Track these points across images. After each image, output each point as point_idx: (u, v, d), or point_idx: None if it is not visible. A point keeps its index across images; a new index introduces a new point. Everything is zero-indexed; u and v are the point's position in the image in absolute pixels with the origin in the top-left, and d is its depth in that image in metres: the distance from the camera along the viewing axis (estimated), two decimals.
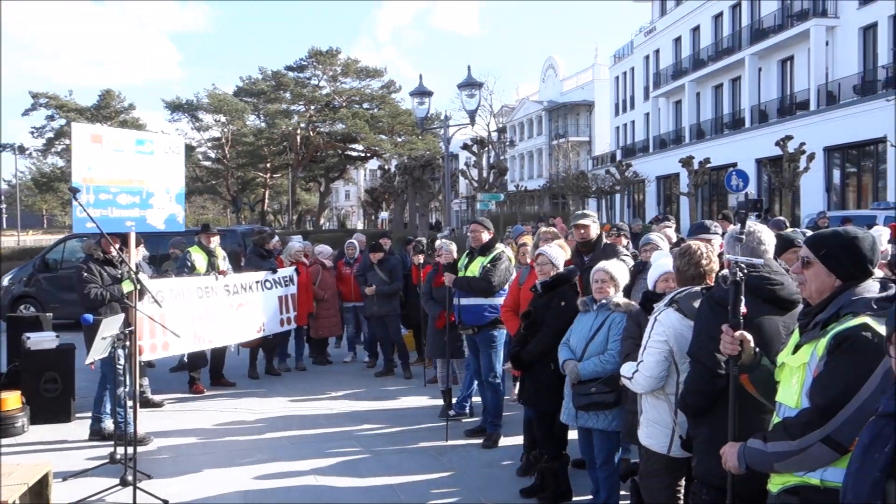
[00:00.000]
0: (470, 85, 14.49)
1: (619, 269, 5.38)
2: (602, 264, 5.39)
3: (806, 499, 2.71)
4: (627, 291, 5.79)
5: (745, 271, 3.11)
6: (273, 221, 73.03)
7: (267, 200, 69.33)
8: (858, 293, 2.79)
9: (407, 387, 10.07)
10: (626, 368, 4.34)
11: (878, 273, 2.93)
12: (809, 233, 7.94)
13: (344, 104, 60.69)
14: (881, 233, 7.80)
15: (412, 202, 38.97)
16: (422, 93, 14.77)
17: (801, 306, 3.42)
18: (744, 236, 3.62)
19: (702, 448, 3.66)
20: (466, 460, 6.93)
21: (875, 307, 2.70)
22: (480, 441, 7.40)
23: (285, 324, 10.65)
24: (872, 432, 2.24)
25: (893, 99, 23.84)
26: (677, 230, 12.02)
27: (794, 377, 2.83)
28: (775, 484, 2.90)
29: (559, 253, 6.20)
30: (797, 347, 2.89)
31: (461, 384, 8.61)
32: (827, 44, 31.26)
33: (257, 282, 10.11)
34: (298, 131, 59.53)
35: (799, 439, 2.63)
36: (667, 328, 4.08)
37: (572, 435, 5.91)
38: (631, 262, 6.47)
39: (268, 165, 64.87)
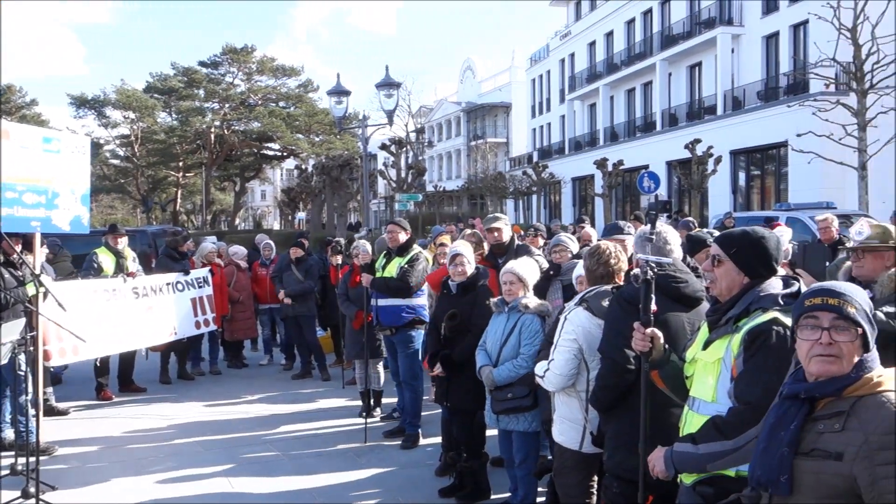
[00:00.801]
0: (388, 85, 14.44)
1: (526, 269, 5.38)
2: (510, 265, 5.41)
3: (721, 488, 2.80)
4: (543, 293, 5.86)
5: (655, 270, 3.19)
6: (186, 222, 71.22)
7: (179, 200, 67.51)
8: (765, 290, 2.92)
9: (325, 389, 9.96)
10: (539, 367, 4.39)
11: (781, 271, 3.05)
12: (717, 233, 8.24)
13: (260, 102, 59.66)
14: (783, 233, 8.13)
15: (330, 202, 38.63)
16: (339, 92, 14.64)
17: (705, 304, 3.54)
18: (653, 236, 3.71)
19: (612, 442, 3.74)
20: (385, 461, 6.90)
21: (782, 303, 2.85)
22: (399, 442, 7.38)
23: (202, 326, 10.37)
24: (778, 413, 2.37)
25: (794, 105, 24.95)
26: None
27: (709, 372, 2.92)
28: (689, 476, 2.97)
29: (472, 252, 6.26)
30: (707, 343, 2.98)
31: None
32: (733, 51, 32.48)
33: (168, 284, 9.82)
34: (212, 129, 58.18)
35: (735, 438, 2.70)
36: (576, 327, 4.15)
37: (490, 432, 5.95)
38: (545, 263, 6.55)
39: (180, 164, 63.19)
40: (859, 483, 2.13)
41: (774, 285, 2.95)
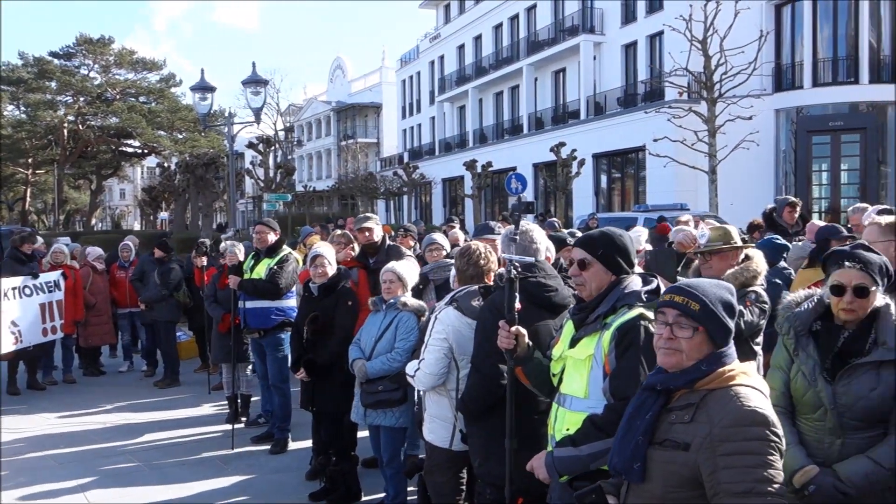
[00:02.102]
0: (255, 82, 14.08)
1: (407, 269, 5.44)
2: (391, 265, 5.43)
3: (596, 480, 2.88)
4: (419, 293, 5.89)
5: (519, 269, 3.26)
6: (36, 222, 66.86)
7: (29, 199, 63.32)
8: (629, 287, 3.05)
9: (189, 395, 9.60)
10: (410, 367, 4.40)
11: (638, 269, 3.20)
12: (578, 233, 8.53)
13: (118, 97, 56.79)
14: (640, 233, 8.52)
15: (195, 202, 37.31)
16: (203, 88, 14.13)
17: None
18: (517, 236, 3.79)
19: (483, 450, 3.79)
20: (254, 467, 6.73)
21: (644, 299, 2.99)
22: (268, 447, 7.22)
23: (49, 333, 9.74)
24: (636, 403, 2.48)
25: (651, 111, 26.24)
26: (463, 230, 12.46)
27: (580, 369, 2.99)
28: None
29: (333, 253, 6.21)
30: (575, 341, 3.06)
31: None
32: (595, 58, 33.80)
33: (14, 288, 9.18)
34: (65, 124, 54.89)
35: (615, 434, 2.77)
36: (446, 326, 4.18)
37: (362, 434, 5.92)
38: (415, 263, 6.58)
39: (29, 160, 59.22)
40: (702, 472, 2.25)
41: (636, 282, 3.08)
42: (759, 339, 4.67)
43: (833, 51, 26.27)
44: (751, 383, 2.35)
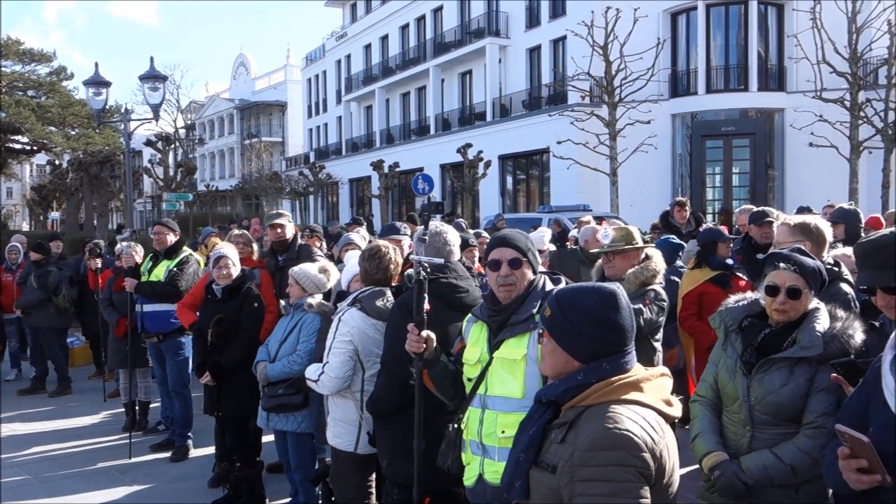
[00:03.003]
0: (153, 77, 13.59)
1: (313, 272, 5.34)
2: (295, 268, 5.33)
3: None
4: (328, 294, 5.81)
5: (428, 270, 3.24)
6: None
7: None
8: (545, 286, 3.09)
9: (83, 403, 9.18)
10: (311, 371, 4.30)
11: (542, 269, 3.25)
12: (485, 233, 8.62)
13: (4, 90, 53.83)
14: (544, 233, 8.67)
15: (89, 201, 35.81)
16: (98, 83, 13.56)
17: None
18: (426, 237, 3.78)
19: (391, 450, 3.76)
20: (153, 476, 6.50)
21: None
22: (168, 455, 6.99)
23: None
24: (526, 415, 2.39)
25: (555, 114, 26.79)
26: (370, 230, 12.41)
27: (513, 370, 2.94)
28: (468, 478, 3.05)
29: (237, 254, 6.07)
30: (498, 343, 3.02)
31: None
32: (500, 61, 34.25)
33: None
34: None
35: None
36: (351, 328, 4.12)
37: (267, 438, 5.80)
38: (328, 264, 6.50)
39: None
40: (563, 497, 2.10)
41: (547, 279, 3.14)
42: (659, 335, 4.82)
43: (725, 59, 27.46)
44: (637, 398, 2.15)
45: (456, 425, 3.18)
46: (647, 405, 2.16)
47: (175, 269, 7.07)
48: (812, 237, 4.10)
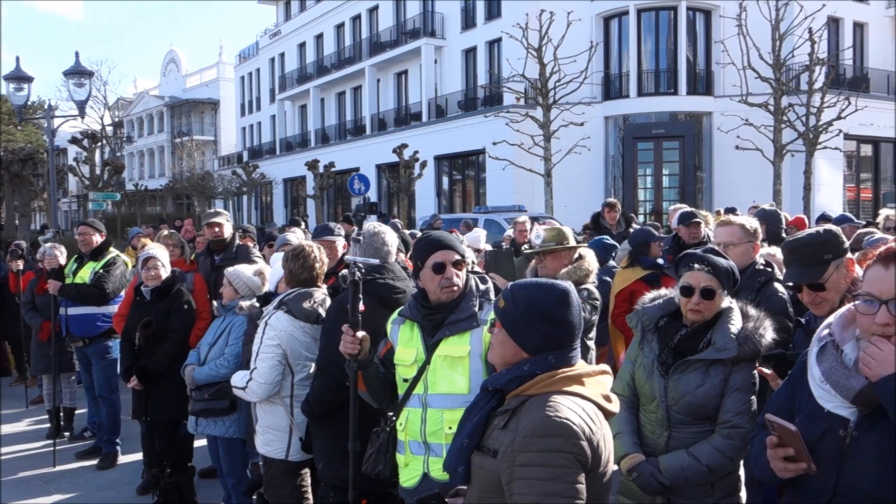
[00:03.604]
0: (78, 73, 13.19)
1: (249, 272, 5.24)
2: (235, 268, 5.23)
3: None
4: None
5: (363, 270, 3.22)
6: None
7: None
8: (477, 284, 3.14)
9: (4, 411, 8.83)
10: (238, 378, 4.20)
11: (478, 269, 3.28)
12: (420, 234, 8.60)
13: None
14: (479, 234, 8.71)
15: (10, 201, 34.55)
16: (19, 77, 13.09)
17: None
18: (361, 237, 3.75)
19: (326, 452, 3.72)
20: (79, 485, 6.30)
21: (493, 296, 3.07)
22: (95, 462, 6.78)
23: None
24: (472, 403, 2.44)
25: (490, 116, 26.97)
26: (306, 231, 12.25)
27: (457, 367, 2.97)
28: (408, 479, 3.05)
29: (167, 255, 5.94)
30: (437, 342, 3.03)
31: None
32: (436, 62, 34.29)
33: None
34: None
35: None
36: (278, 332, 4.05)
37: (200, 443, 5.68)
38: (265, 267, 6.41)
39: None
40: (502, 481, 2.18)
41: (485, 278, 3.23)
42: (592, 334, 4.90)
43: (655, 63, 28.08)
44: (578, 391, 2.23)
45: (388, 429, 3.17)
46: (587, 398, 2.23)
47: (101, 270, 6.87)
48: (753, 237, 4.22)
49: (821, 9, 23.00)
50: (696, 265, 3.20)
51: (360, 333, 3.15)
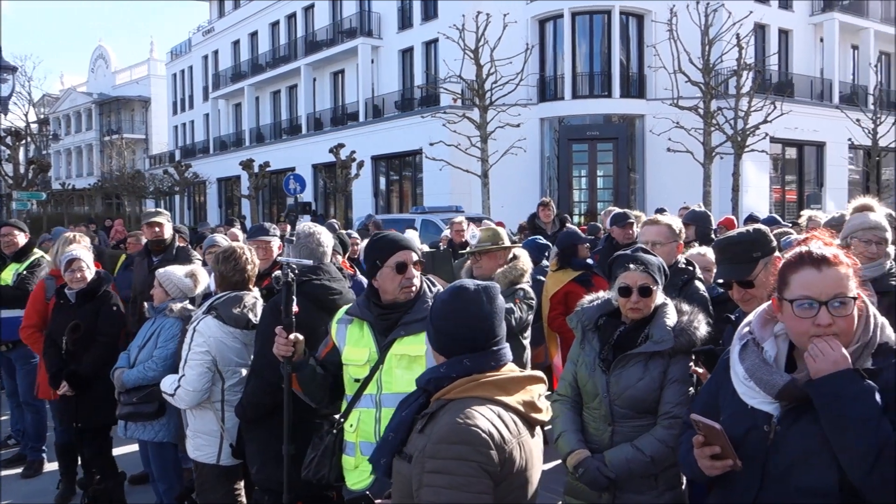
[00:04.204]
0: (0, 68, 12.77)
1: (178, 275, 5.12)
2: (166, 269, 5.12)
3: None
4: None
5: (297, 272, 3.20)
6: None
7: None
8: (426, 284, 3.17)
9: None
10: (167, 384, 4.13)
11: None
12: (356, 234, 8.59)
13: None
14: (413, 236, 8.74)
15: None
16: None
17: None
18: (294, 238, 3.72)
19: (260, 456, 3.68)
20: (4, 494, 6.11)
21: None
22: (20, 470, 6.58)
23: None
24: (405, 397, 2.45)
25: (427, 116, 27.00)
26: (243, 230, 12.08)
27: (414, 366, 2.95)
28: (358, 482, 3.03)
29: (91, 256, 5.78)
30: (389, 343, 3.02)
31: None
32: (373, 62, 34.16)
33: None
34: None
35: None
36: (207, 338, 4.00)
37: (132, 448, 5.55)
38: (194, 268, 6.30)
39: None
40: (413, 486, 2.17)
41: (426, 280, 3.23)
42: (528, 333, 4.96)
43: (590, 66, 28.53)
44: (497, 397, 2.21)
45: (335, 431, 3.14)
46: (507, 405, 2.21)
47: (25, 272, 6.65)
48: (678, 237, 4.37)
49: (748, 15, 23.72)
50: (632, 265, 3.29)
51: (294, 335, 3.12)
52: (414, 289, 3.07)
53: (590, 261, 6.36)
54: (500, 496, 2.13)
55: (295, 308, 3.13)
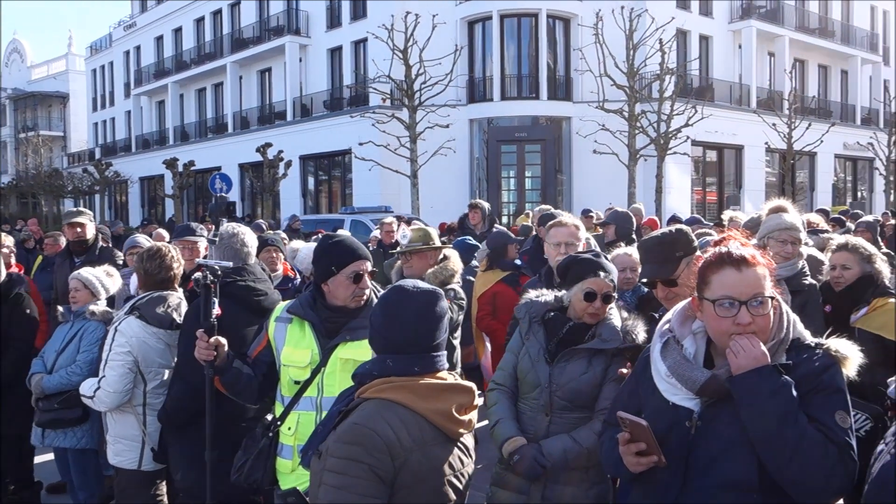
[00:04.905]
0: None
1: (99, 276, 4.97)
2: (82, 271, 4.97)
3: None
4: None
5: (219, 273, 3.14)
6: None
7: None
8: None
9: None
10: (87, 387, 4.03)
11: None
12: (284, 234, 8.48)
13: None
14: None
15: None
16: None
17: None
18: (217, 239, 3.66)
19: (185, 462, 3.61)
20: None
21: None
22: None
23: None
24: (341, 393, 2.45)
25: (356, 116, 26.85)
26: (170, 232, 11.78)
27: None
28: (288, 483, 2.99)
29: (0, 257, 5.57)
30: (334, 346, 2.99)
31: None
32: (301, 60, 33.77)
33: None
34: None
35: None
36: (129, 338, 3.91)
37: (48, 456, 5.35)
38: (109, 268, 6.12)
39: None
40: (313, 482, 2.17)
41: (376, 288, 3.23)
42: (458, 333, 4.98)
43: (518, 68, 28.83)
44: (408, 402, 2.17)
45: (270, 434, 3.09)
46: (416, 412, 2.18)
47: None
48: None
49: (670, 21, 24.38)
50: (602, 273, 3.37)
51: (215, 338, 3.07)
52: (365, 298, 3.08)
53: (518, 261, 6.42)
54: (400, 500, 2.11)
55: (217, 310, 3.08)
